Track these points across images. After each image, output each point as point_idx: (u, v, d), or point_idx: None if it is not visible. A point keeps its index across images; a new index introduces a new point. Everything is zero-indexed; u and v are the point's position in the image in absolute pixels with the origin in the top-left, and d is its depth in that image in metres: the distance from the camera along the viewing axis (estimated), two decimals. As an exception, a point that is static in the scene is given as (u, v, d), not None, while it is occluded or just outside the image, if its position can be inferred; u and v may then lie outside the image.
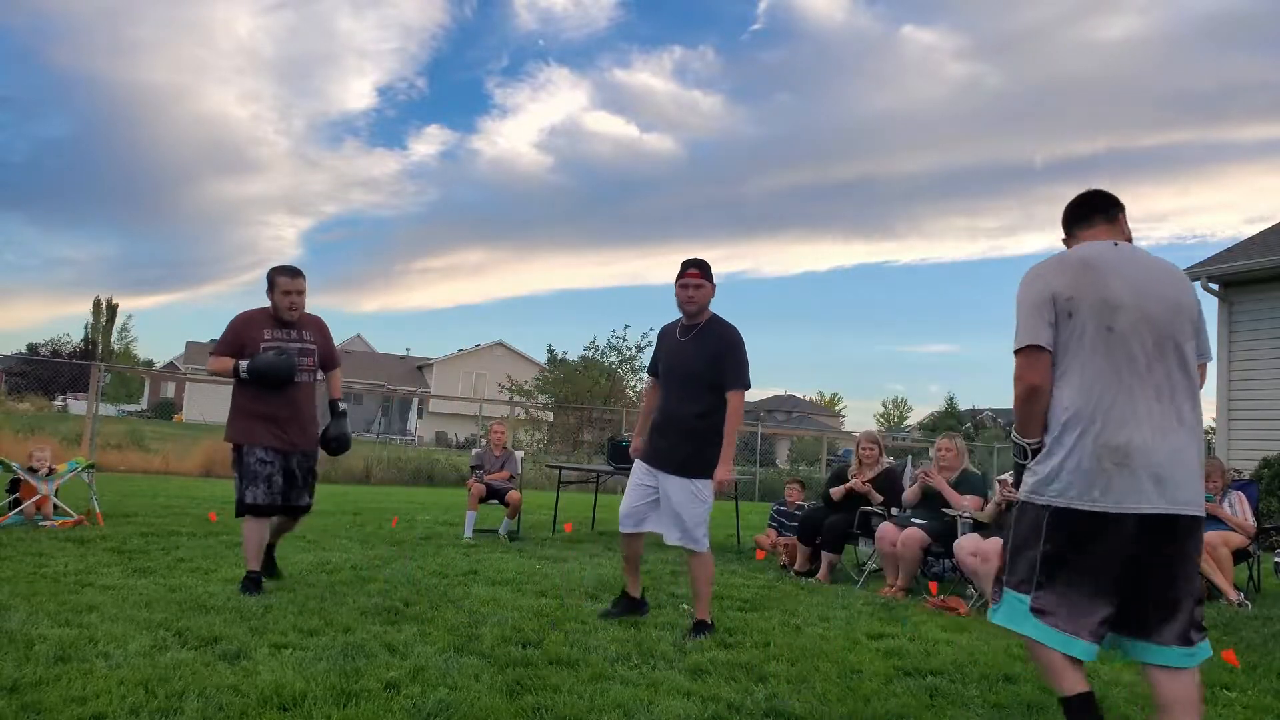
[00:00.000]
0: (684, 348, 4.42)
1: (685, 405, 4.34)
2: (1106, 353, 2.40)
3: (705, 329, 4.41)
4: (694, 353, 4.36)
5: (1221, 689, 3.65)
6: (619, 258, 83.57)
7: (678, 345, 4.47)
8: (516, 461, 8.36)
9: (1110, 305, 2.42)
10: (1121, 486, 2.34)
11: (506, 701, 2.95)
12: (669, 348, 4.53)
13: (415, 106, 75.40)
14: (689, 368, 4.37)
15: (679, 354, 4.44)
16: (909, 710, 3.12)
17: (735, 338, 4.39)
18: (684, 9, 79.35)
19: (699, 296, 4.38)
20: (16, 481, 7.08)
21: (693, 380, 4.34)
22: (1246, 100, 63.12)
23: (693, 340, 4.40)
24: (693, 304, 4.38)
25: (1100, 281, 2.44)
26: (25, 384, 30.79)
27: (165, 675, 2.99)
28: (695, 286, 4.37)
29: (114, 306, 57.05)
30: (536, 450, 22.68)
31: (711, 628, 4.27)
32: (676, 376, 4.42)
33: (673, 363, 4.46)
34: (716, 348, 4.34)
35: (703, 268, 4.42)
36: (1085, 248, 2.57)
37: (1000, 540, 5.33)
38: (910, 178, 74.94)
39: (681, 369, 4.40)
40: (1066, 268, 2.50)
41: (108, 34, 66.00)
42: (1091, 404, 2.39)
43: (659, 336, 4.68)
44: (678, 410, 4.36)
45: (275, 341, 4.79)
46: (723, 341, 4.36)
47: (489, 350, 47.75)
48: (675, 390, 4.41)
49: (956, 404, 51.78)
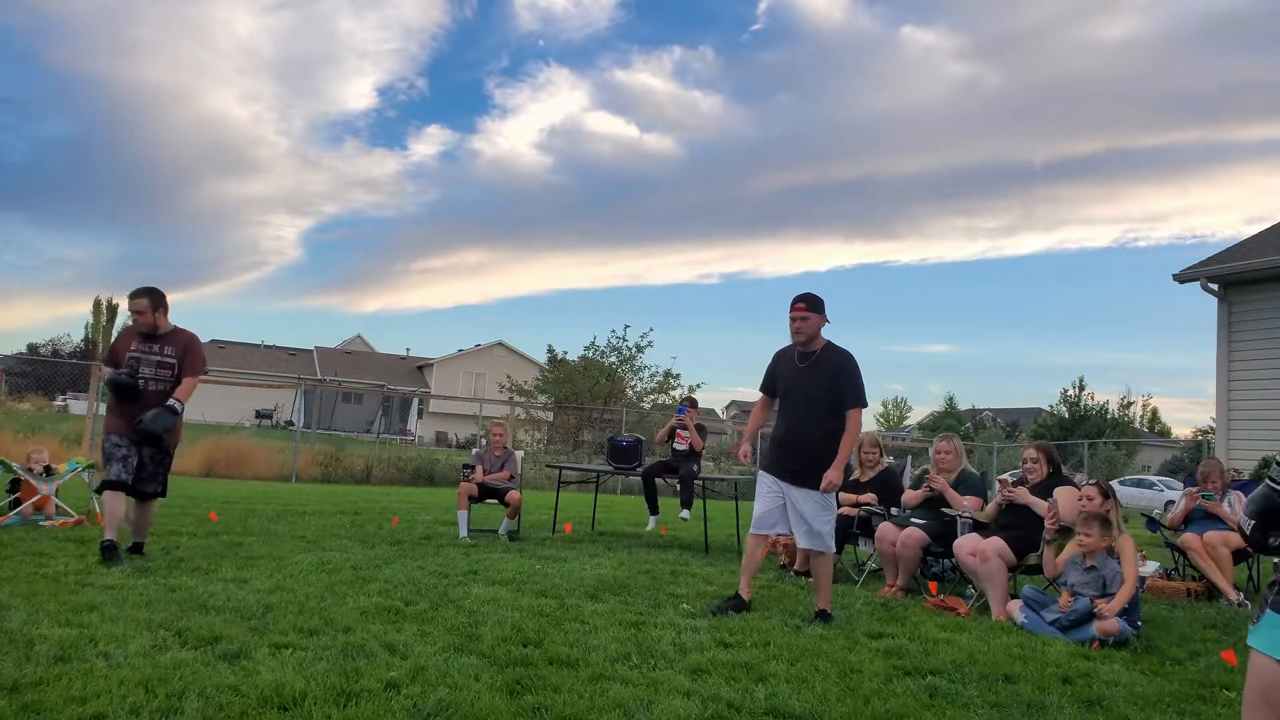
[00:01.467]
0: (803, 374, 4.89)
1: (810, 427, 4.81)
2: None
3: (821, 357, 4.88)
4: (812, 379, 4.84)
5: (1221, 689, 3.66)
6: (619, 258, 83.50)
7: (797, 371, 4.92)
8: (517, 461, 8.36)
9: None
10: None
11: (506, 701, 2.95)
12: (788, 372, 4.98)
13: (415, 107, 75.31)
14: (810, 393, 4.84)
15: (799, 379, 4.90)
16: (909, 710, 3.12)
17: (849, 363, 4.88)
18: (684, 9, 79.29)
19: (806, 328, 4.87)
20: (17, 481, 7.08)
21: (815, 404, 4.81)
22: (1246, 100, 63.14)
23: (810, 368, 4.87)
24: (801, 334, 4.88)
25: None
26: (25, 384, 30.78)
27: (165, 675, 2.99)
28: (801, 319, 4.85)
29: (114, 306, 57.13)
30: (536, 450, 22.69)
31: (831, 617, 4.75)
32: (799, 400, 4.89)
33: (792, 386, 4.93)
34: (833, 373, 4.82)
35: (810, 301, 4.88)
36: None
37: (1000, 540, 5.34)
38: (910, 178, 74.83)
39: (802, 393, 4.87)
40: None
41: (108, 34, 65.97)
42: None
43: (775, 358, 5.13)
44: (804, 432, 4.83)
45: (136, 353, 5.63)
46: (838, 367, 4.84)
47: (489, 350, 47.76)
48: (799, 413, 4.87)
49: (956, 404, 51.77)
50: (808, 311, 4.84)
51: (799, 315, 4.84)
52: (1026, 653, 4.17)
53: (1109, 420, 34.40)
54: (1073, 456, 22.88)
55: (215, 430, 18.93)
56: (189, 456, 15.11)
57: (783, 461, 4.89)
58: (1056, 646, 4.35)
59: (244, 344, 49.14)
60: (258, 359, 46.44)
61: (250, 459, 15.99)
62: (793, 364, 4.94)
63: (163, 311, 5.70)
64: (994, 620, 5.03)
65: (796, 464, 4.82)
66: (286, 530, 7.44)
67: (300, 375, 33.63)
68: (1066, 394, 36.03)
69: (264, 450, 16.75)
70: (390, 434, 32.72)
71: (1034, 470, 5.68)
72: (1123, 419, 35.43)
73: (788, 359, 5.01)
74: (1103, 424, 33.68)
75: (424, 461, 17.92)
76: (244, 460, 15.86)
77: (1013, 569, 5.42)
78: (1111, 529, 4.89)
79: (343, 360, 48.18)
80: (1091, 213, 76.44)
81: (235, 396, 34.15)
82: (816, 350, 4.89)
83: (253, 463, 15.92)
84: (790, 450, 4.86)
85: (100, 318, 56.48)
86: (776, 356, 5.12)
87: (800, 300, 4.86)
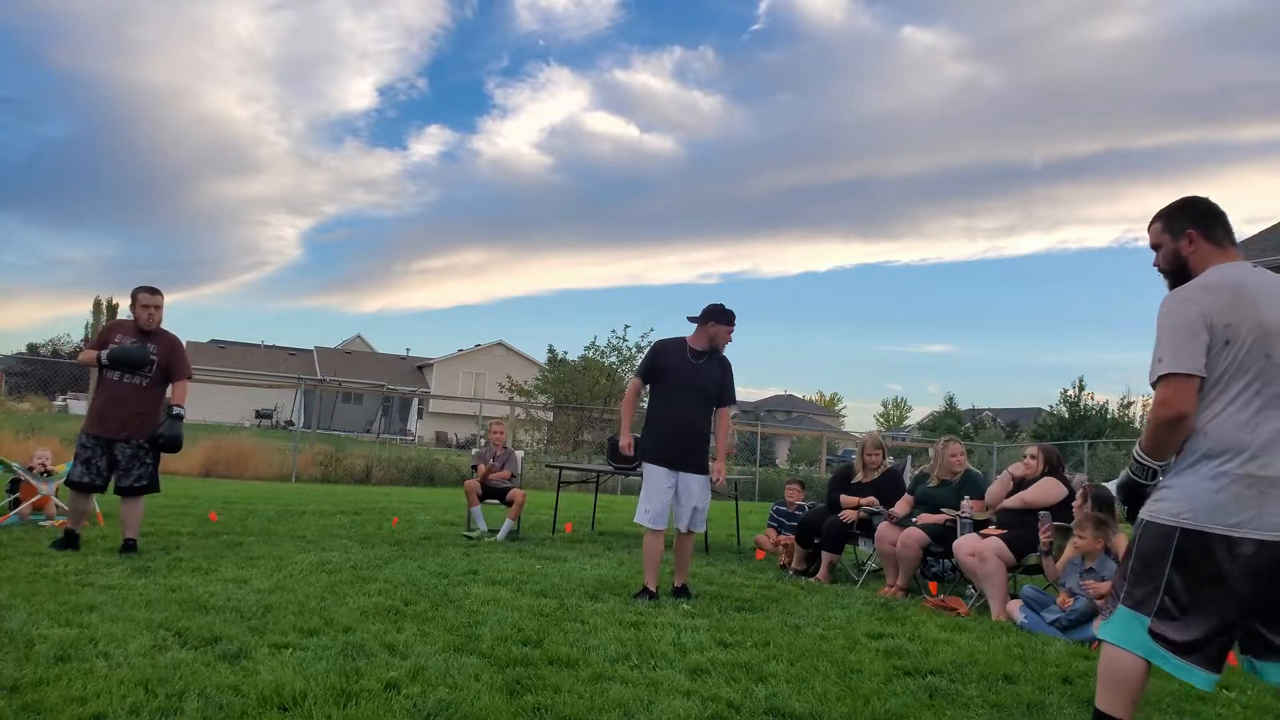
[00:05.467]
0: (699, 370, 5.31)
1: (701, 417, 5.33)
2: (1264, 379, 2.35)
3: (714, 356, 5.38)
4: (708, 375, 5.32)
5: (1221, 689, 3.65)
6: (619, 258, 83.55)
7: (691, 367, 5.31)
8: (517, 461, 8.37)
9: (1269, 332, 2.36)
10: (1267, 512, 2.27)
11: (506, 701, 2.95)
12: (679, 366, 5.31)
13: (415, 107, 75.29)
14: (703, 387, 5.31)
15: (693, 374, 5.30)
16: (909, 710, 3.13)
17: (730, 366, 5.46)
18: (684, 9, 79.29)
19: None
20: (16, 481, 7.08)
21: (708, 398, 5.34)
22: (1246, 100, 63.12)
23: (706, 365, 5.33)
24: (727, 344, 5.41)
25: (1253, 307, 2.38)
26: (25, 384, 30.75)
27: (165, 675, 2.99)
28: (730, 337, 5.40)
29: (114, 306, 57.03)
30: (536, 450, 22.69)
31: (690, 593, 5.27)
32: (693, 392, 5.28)
33: (686, 379, 5.29)
34: (722, 373, 5.38)
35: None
36: (1231, 271, 2.47)
37: (999, 540, 5.34)
38: (910, 178, 74.86)
39: (696, 387, 5.29)
40: (1221, 294, 2.40)
41: (109, 34, 65.94)
42: (1246, 433, 2.33)
43: (661, 352, 5.42)
44: (698, 422, 5.30)
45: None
46: (725, 369, 5.42)
47: (489, 350, 47.71)
48: (692, 405, 5.29)
49: (956, 404, 51.71)
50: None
51: (732, 332, 5.40)
52: (1026, 653, 4.17)
53: (1109, 420, 34.35)
54: (1072, 456, 22.86)
55: (215, 430, 18.91)
56: (189, 456, 15.08)
57: (680, 449, 5.22)
58: (1056, 646, 4.35)
59: (244, 344, 49.09)
60: (258, 359, 46.40)
61: (250, 459, 15.97)
62: (685, 359, 5.33)
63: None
64: (994, 620, 5.03)
65: (693, 451, 5.26)
66: (286, 530, 7.44)
67: (300, 375, 33.60)
68: (1066, 394, 35.98)
69: (264, 450, 16.72)
70: (390, 434, 32.71)
71: (1031, 466, 5.76)
72: (1123, 419, 35.39)
73: (677, 353, 5.36)
74: (1103, 424, 33.64)
75: (424, 461, 17.89)
76: (244, 460, 15.83)
77: (1012, 569, 5.42)
78: (1106, 530, 4.89)
79: (343, 360, 48.13)
80: (1091, 213, 76.59)
81: (235, 396, 34.11)
82: (710, 352, 5.37)
83: (253, 463, 15.90)
84: (691, 437, 5.27)
85: (100, 318, 56.38)
86: (662, 350, 5.43)
87: (733, 319, 5.39)
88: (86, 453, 5.60)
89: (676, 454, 5.22)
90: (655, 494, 5.16)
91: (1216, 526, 2.31)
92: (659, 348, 5.47)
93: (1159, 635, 2.36)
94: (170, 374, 5.82)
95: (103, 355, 5.59)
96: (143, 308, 5.75)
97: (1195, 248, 2.54)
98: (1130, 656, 2.41)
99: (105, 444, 5.63)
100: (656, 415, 5.33)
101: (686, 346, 5.37)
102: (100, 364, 5.62)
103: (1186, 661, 2.33)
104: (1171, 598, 2.35)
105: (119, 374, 5.64)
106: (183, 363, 5.91)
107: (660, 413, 5.31)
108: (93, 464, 5.60)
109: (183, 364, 5.91)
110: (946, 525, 5.85)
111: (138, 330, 5.76)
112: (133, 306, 5.81)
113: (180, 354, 5.92)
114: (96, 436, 5.62)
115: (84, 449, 5.61)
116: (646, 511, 5.16)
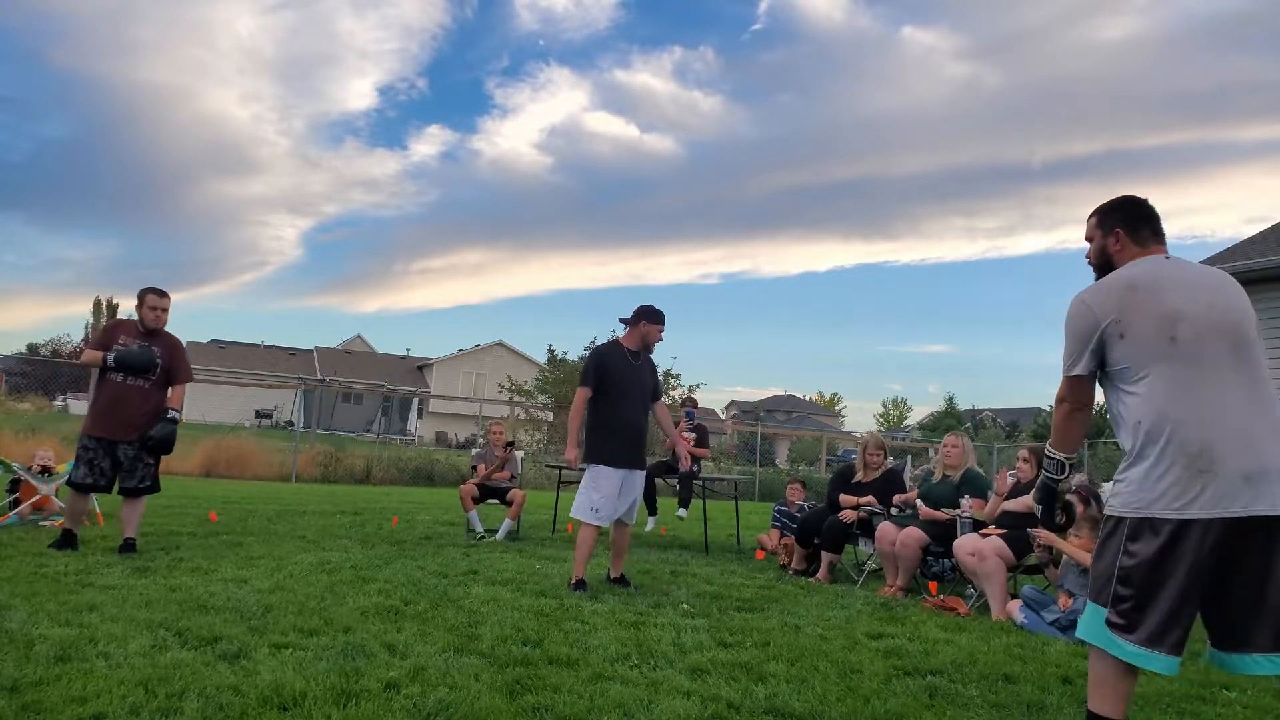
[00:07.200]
0: (638, 372, 5.56)
1: (644, 416, 5.63)
2: (1175, 362, 2.41)
3: (646, 357, 5.65)
4: (646, 376, 5.61)
5: (1221, 689, 3.66)
6: (619, 258, 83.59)
7: (633, 369, 5.53)
8: (517, 461, 8.37)
9: (1169, 317, 2.44)
10: (1207, 492, 2.30)
11: (506, 701, 2.95)
12: (623, 369, 5.49)
13: (415, 107, 75.46)
14: (644, 387, 5.57)
15: (635, 376, 5.52)
16: (909, 710, 3.12)
17: (655, 364, 5.75)
18: (684, 9, 79.39)
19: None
20: (16, 481, 7.09)
21: (648, 397, 5.61)
22: (1245, 100, 63.14)
23: (643, 365, 5.61)
24: (658, 343, 5.65)
25: (1152, 297, 2.48)
26: (25, 384, 30.76)
27: (165, 675, 2.99)
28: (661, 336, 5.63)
29: (114, 306, 57.11)
30: (536, 450, 22.68)
31: (630, 583, 5.55)
32: (638, 394, 5.51)
33: (630, 381, 5.49)
34: (653, 372, 5.70)
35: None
36: (1132, 268, 2.59)
37: (999, 540, 5.34)
38: (909, 178, 74.98)
39: (639, 388, 5.53)
40: (1111, 292, 2.54)
41: (109, 34, 66.03)
42: (1167, 414, 2.39)
43: (604, 356, 5.56)
44: (640, 419, 5.57)
45: (131, 346, 5.74)
46: (654, 368, 5.73)
47: (489, 350, 47.70)
48: (639, 404, 5.53)
49: (956, 404, 51.74)
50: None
51: (663, 331, 5.60)
52: (1026, 653, 4.17)
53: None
54: (1072, 456, 22.88)
55: (215, 430, 18.92)
56: (189, 456, 15.10)
57: (635, 452, 5.51)
58: (1056, 646, 4.35)
59: (244, 344, 49.07)
60: (258, 359, 46.39)
61: (250, 459, 15.98)
62: (626, 362, 5.53)
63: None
64: (994, 620, 5.03)
65: (639, 449, 5.57)
66: (286, 530, 7.44)
67: (300, 375, 33.57)
68: (1066, 394, 36.05)
69: (264, 450, 16.73)
70: (390, 434, 32.70)
71: (1023, 470, 5.76)
72: (1123, 419, 35.43)
73: (619, 357, 5.54)
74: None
75: (424, 461, 17.90)
76: (244, 460, 15.85)
77: (1012, 569, 5.42)
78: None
79: (343, 360, 48.11)
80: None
81: (235, 396, 34.12)
82: (643, 351, 5.62)
83: (253, 463, 15.91)
84: (641, 437, 5.61)
85: (100, 318, 56.39)
86: (605, 354, 5.58)
87: (664, 318, 5.61)
88: (89, 454, 5.60)
89: (633, 456, 5.47)
90: (608, 494, 5.34)
91: (1161, 511, 2.36)
92: (602, 352, 5.60)
93: (1113, 624, 2.41)
94: (171, 376, 5.84)
95: (109, 358, 5.58)
96: (150, 309, 5.78)
97: (1120, 245, 2.68)
98: (1100, 651, 2.45)
99: (108, 445, 5.62)
100: (607, 419, 5.44)
101: (623, 349, 5.56)
102: (105, 365, 5.60)
103: (1142, 648, 2.36)
104: (1123, 585, 2.40)
105: (122, 375, 5.63)
106: (183, 366, 5.93)
107: (612, 418, 5.44)
108: (96, 465, 5.61)
109: (183, 367, 5.93)
110: (946, 524, 5.85)
111: (140, 331, 5.78)
112: (139, 307, 5.82)
113: (181, 356, 5.94)
114: (99, 438, 5.61)
115: (86, 450, 5.61)
116: (596, 510, 5.31)
